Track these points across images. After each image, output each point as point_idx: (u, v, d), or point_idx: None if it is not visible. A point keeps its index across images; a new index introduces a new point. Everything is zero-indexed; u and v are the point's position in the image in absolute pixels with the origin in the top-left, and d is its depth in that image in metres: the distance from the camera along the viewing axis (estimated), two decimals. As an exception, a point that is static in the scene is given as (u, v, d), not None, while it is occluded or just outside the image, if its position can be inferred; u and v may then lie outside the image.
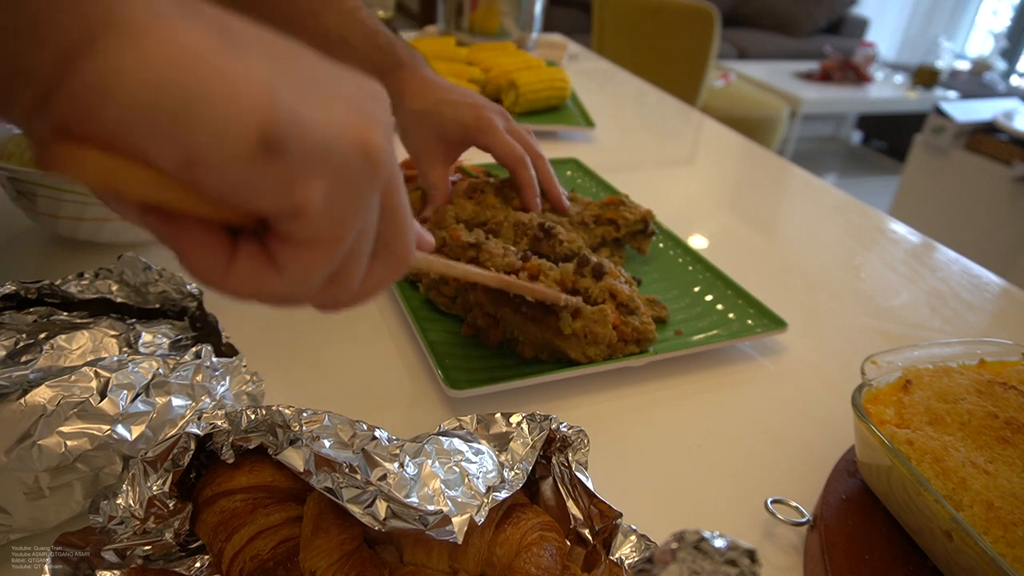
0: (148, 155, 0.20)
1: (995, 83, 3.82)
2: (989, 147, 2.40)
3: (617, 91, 1.49)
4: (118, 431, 0.38)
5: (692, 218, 0.91)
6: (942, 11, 4.78)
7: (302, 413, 0.35)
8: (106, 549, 0.34)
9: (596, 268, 0.58)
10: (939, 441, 0.40)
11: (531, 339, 0.56)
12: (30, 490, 0.36)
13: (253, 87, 0.20)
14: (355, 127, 0.24)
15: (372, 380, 0.56)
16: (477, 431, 0.38)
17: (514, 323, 0.56)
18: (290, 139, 0.21)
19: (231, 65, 0.20)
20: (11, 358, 0.40)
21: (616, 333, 0.56)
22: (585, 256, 0.59)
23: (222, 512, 0.35)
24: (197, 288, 0.49)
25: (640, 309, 0.58)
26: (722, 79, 3.12)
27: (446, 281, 0.61)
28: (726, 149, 1.22)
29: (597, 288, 0.58)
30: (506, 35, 1.52)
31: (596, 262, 0.58)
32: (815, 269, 0.82)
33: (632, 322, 0.57)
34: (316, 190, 0.23)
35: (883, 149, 4.23)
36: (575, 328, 0.54)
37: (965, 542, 0.34)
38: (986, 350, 0.50)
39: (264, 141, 0.21)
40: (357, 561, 0.33)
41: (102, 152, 0.20)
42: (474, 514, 0.32)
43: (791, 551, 0.44)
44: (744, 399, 0.58)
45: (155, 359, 0.41)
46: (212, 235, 0.24)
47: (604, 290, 0.58)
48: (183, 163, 0.20)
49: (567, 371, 0.55)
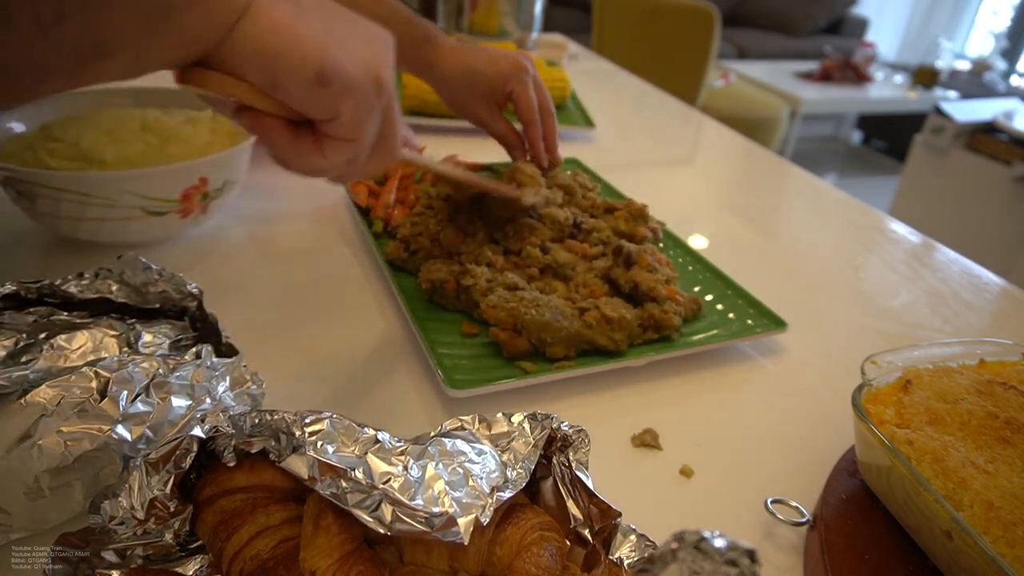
0: (250, 78, 0.35)
1: (995, 83, 3.82)
2: (989, 147, 2.40)
3: (617, 91, 1.49)
4: (118, 431, 0.38)
5: (692, 218, 0.91)
6: (942, 11, 4.78)
7: (304, 417, 0.35)
8: (106, 549, 0.34)
9: (626, 257, 0.63)
10: (939, 441, 0.40)
11: (560, 338, 0.56)
12: (30, 490, 0.36)
13: (313, 43, 0.34)
14: (372, 66, 0.37)
15: (372, 380, 0.56)
16: (479, 431, 0.38)
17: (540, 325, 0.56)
18: (333, 76, 0.35)
19: (302, 29, 0.34)
20: (11, 358, 0.40)
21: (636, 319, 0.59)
22: (619, 246, 0.64)
23: (222, 512, 0.35)
24: (197, 288, 0.49)
25: (661, 297, 0.60)
26: (722, 79, 3.12)
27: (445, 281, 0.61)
28: (726, 149, 1.22)
29: (624, 277, 0.62)
30: (506, 35, 1.52)
31: (626, 251, 0.63)
32: (815, 269, 0.82)
33: (651, 309, 0.60)
34: (348, 106, 0.37)
35: (883, 149, 4.23)
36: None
37: (965, 542, 0.34)
38: (986, 350, 0.50)
39: (318, 76, 0.35)
40: (357, 561, 0.33)
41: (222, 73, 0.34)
42: (479, 514, 0.32)
43: (791, 551, 0.44)
44: (744, 399, 0.58)
45: (155, 359, 0.41)
46: (283, 126, 0.38)
47: (629, 280, 0.62)
48: (271, 84, 0.35)
49: (567, 371, 0.55)
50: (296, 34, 0.34)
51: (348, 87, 0.36)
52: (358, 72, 0.36)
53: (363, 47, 0.37)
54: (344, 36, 0.36)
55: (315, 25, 0.35)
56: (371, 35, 0.39)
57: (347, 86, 0.36)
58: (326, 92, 0.35)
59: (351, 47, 0.36)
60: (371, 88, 0.37)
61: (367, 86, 0.37)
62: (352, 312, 0.64)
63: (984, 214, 2.41)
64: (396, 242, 0.67)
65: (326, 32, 0.35)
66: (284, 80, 0.34)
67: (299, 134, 0.38)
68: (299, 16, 0.34)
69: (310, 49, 0.34)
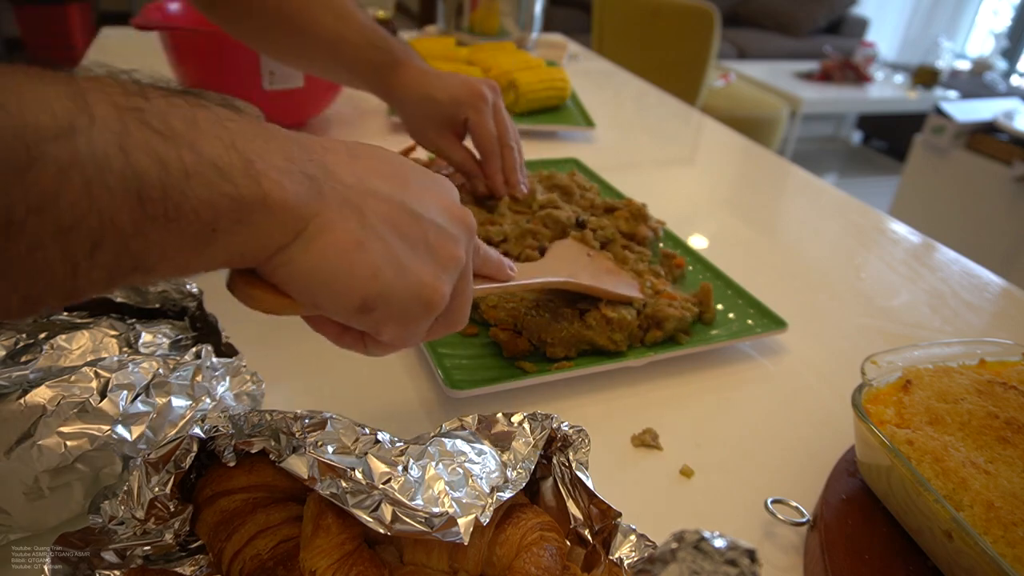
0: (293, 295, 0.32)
1: (995, 83, 3.81)
2: (989, 147, 2.40)
3: (617, 91, 1.49)
4: (118, 431, 0.38)
5: (692, 218, 0.91)
6: (942, 11, 4.77)
7: (304, 418, 0.35)
8: (106, 549, 0.34)
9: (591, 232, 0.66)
10: (939, 441, 0.40)
11: (560, 338, 0.56)
12: (30, 490, 0.36)
13: (366, 270, 0.32)
14: (423, 288, 0.35)
15: (372, 380, 0.56)
16: (478, 431, 0.38)
17: (540, 325, 0.56)
18: (379, 306, 0.33)
19: (358, 255, 0.32)
20: (11, 358, 0.40)
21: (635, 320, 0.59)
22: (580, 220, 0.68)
23: (222, 512, 0.35)
24: (197, 288, 0.49)
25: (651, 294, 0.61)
26: (722, 79, 3.12)
27: None
28: (726, 149, 1.22)
29: None
30: (506, 35, 1.52)
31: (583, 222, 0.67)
32: (815, 269, 0.82)
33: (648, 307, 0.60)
34: (389, 328, 0.35)
35: (883, 149, 4.23)
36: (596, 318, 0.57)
37: (965, 542, 0.34)
38: (986, 350, 0.50)
39: (362, 307, 0.33)
40: (357, 561, 0.33)
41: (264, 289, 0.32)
42: (479, 515, 0.32)
43: (791, 551, 0.44)
44: (744, 399, 0.58)
45: (155, 359, 0.41)
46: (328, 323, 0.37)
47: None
48: (312, 306, 0.33)
49: (567, 371, 0.55)
50: (350, 260, 0.31)
51: (390, 314, 0.34)
52: (409, 296, 0.34)
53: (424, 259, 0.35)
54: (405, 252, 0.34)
55: (374, 246, 0.32)
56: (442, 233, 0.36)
57: (390, 313, 0.34)
58: (368, 318, 0.34)
59: (410, 263, 0.34)
60: (419, 310, 0.35)
61: (415, 310, 0.35)
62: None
63: (984, 214, 2.40)
64: None
65: (385, 253, 0.33)
66: (326, 307, 0.33)
67: (346, 330, 0.37)
68: (361, 235, 0.32)
69: (360, 278, 0.32)
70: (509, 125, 0.70)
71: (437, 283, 0.35)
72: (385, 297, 0.33)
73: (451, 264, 0.36)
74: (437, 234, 0.36)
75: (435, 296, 0.35)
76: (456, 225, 0.37)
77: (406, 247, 0.34)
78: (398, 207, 0.34)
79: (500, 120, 0.70)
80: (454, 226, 0.37)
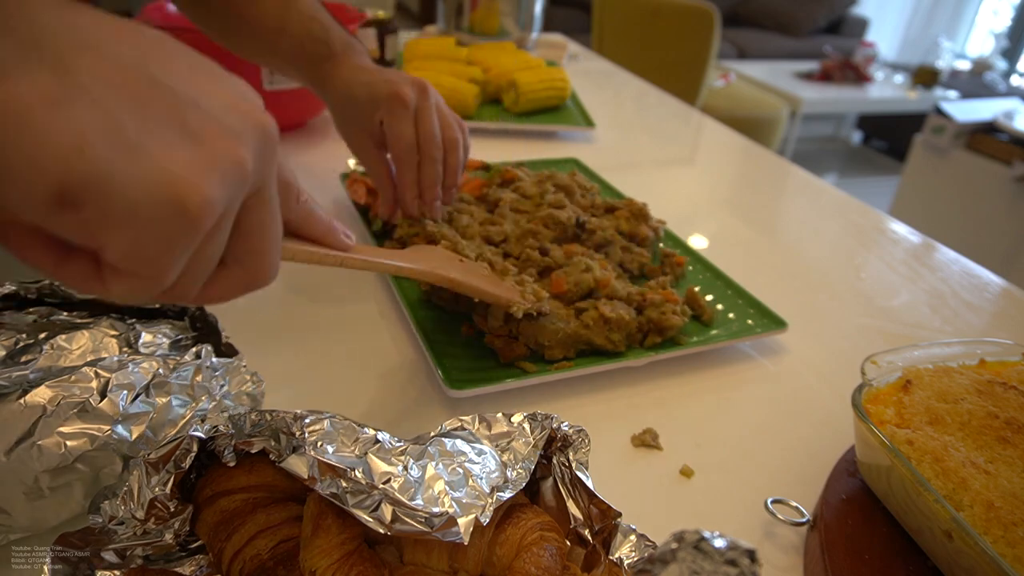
0: None
1: (995, 83, 3.82)
2: (989, 147, 2.40)
3: (617, 91, 1.49)
4: (118, 431, 0.38)
5: (692, 218, 0.91)
6: (942, 11, 4.78)
7: (304, 418, 0.35)
8: (106, 549, 0.34)
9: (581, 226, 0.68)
10: (939, 441, 0.40)
11: (558, 340, 0.56)
12: (30, 490, 0.36)
13: (62, 141, 0.22)
14: (175, 183, 0.24)
15: (372, 380, 0.56)
16: (478, 431, 0.38)
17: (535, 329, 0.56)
18: (89, 196, 0.22)
19: (49, 118, 0.21)
20: (11, 358, 0.40)
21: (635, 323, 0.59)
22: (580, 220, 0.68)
23: (222, 512, 0.35)
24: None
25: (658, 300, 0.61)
26: (722, 79, 3.12)
27: None
28: (726, 149, 1.22)
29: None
30: (506, 35, 1.52)
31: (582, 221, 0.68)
32: (815, 269, 0.82)
33: (650, 313, 0.59)
34: (116, 241, 0.24)
35: (883, 149, 4.23)
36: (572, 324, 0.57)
37: (965, 542, 0.34)
38: (986, 350, 0.50)
39: (60, 195, 0.22)
40: (357, 561, 0.33)
41: None
42: (479, 515, 0.32)
43: (791, 551, 0.44)
44: (744, 399, 0.58)
45: (155, 359, 0.41)
46: (40, 244, 0.25)
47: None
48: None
49: (567, 371, 0.55)
50: (36, 123, 0.21)
51: (115, 213, 0.23)
52: (141, 193, 0.23)
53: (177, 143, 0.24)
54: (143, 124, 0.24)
55: (80, 111, 0.22)
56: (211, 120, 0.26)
57: (112, 213, 0.23)
58: (74, 218, 0.23)
59: (147, 142, 0.23)
60: (166, 217, 0.24)
61: (159, 214, 0.24)
62: (352, 312, 0.64)
63: (984, 214, 2.41)
64: (393, 242, 0.67)
65: (99, 121, 0.22)
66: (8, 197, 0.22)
67: (69, 256, 0.25)
68: (58, 92, 0.22)
69: (52, 148, 0.21)
70: (435, 133, 0.60)
71: (195, 179, 0.24)
72: (99, 184, 0.22)
73: (225, 162, 0.26)
74: (202, 119, 0.25)
75: (192, 195, 0.24)
76: (242, 120, 0.27)
77: (140, 121, 0.24)
78: (134, 72, 0.24)
79: (424, 126, 0.60)
80: (238, 120, 0.27)
